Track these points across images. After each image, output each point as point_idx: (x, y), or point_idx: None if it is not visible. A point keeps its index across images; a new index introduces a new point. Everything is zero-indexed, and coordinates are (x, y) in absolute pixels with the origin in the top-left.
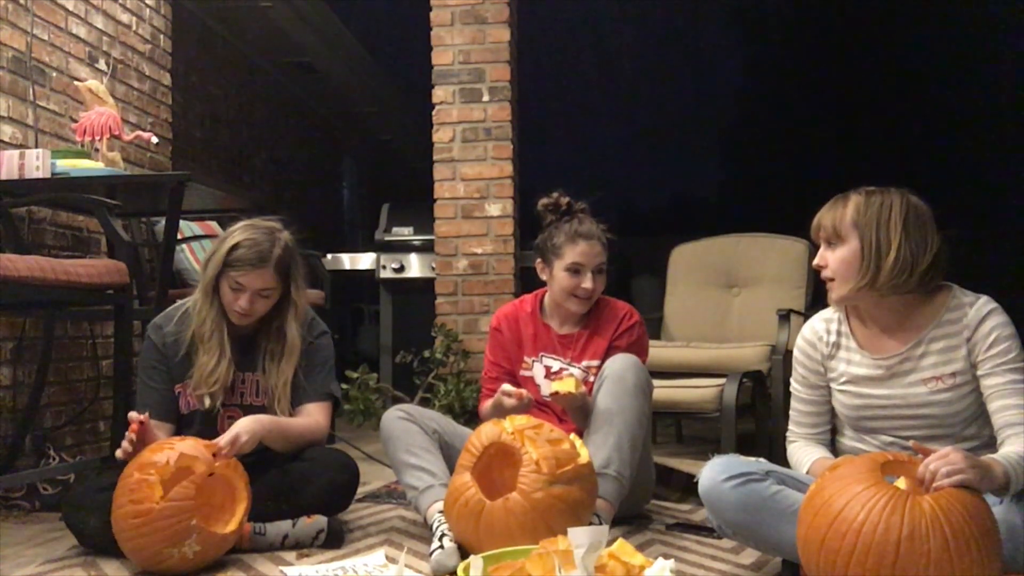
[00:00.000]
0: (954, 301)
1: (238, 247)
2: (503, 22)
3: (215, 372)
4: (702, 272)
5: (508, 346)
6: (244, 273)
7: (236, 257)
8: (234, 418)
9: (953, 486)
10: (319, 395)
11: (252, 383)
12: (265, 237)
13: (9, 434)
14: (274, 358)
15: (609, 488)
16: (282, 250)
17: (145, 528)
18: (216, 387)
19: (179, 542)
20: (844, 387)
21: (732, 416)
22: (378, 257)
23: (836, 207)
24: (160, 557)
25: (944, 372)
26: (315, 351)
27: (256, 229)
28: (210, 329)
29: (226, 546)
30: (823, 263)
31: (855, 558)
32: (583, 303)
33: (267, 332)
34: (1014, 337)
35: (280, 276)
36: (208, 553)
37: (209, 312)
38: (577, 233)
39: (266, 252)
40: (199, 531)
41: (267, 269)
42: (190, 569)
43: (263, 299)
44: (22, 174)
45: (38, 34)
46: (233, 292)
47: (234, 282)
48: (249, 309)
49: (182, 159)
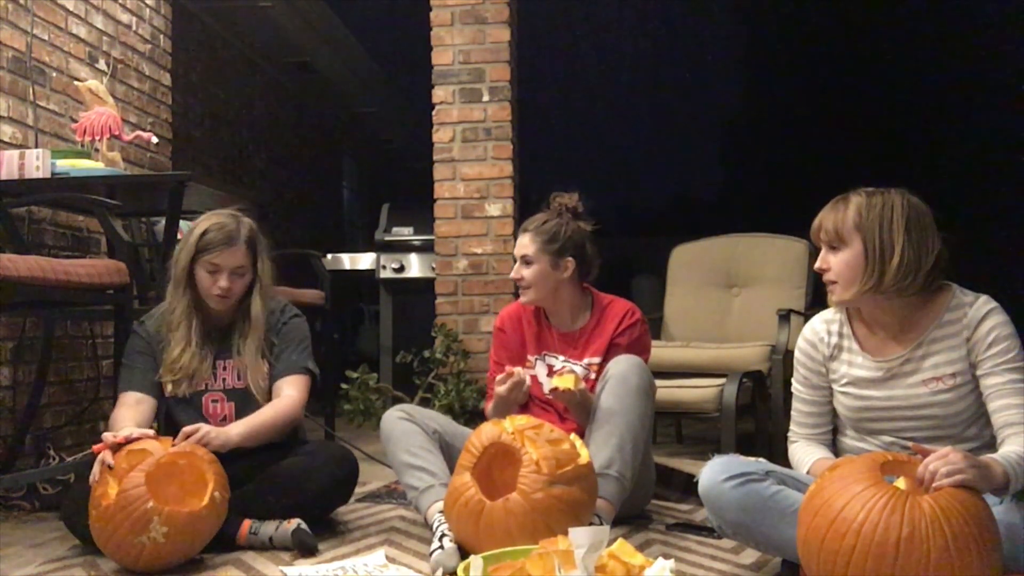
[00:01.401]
0: (954, 301)
1: (207, 232)
2: (503, 22)
3: (179, 360)
4: (702, 272)
5: (511, 346)
6: (218, 253)
7: (207, 241)
8: (218, 402)
9: (953, 486)
10: (293, 369)
11: (232, 368)
12: (230, 220)
13: (9, 434)
14: (244, 336)
15: (610, 489)
16: (248, 230)
17: (109, 525)
18: (180, 375)
19: (143, 528)
20: (845, 388)
21: (732, 416)
22: (378, 257)
23: (837, 209)
24: (134, 549)
25: (945, 372)
26: (288, 331)
27: (220, 215)
28: (177, 319)
29: (200, 524)
30: (826, 266)
31: (855, 558)
32: (522, 291)
33: (240, 314)
34: (1014, 337)
35: (250, 253)
36: (182, 534)
37: (179, 303)
38: (523, 226)
39: (235, 232)
40: (160, 513)
41: (239, 247)
42: (173, 556)
43: (239, 278)
44: (22, 174)
45: (38, 34)
46: (211, 276)
47: (209, 264)
48: (228, 289)
49: (182, 159)
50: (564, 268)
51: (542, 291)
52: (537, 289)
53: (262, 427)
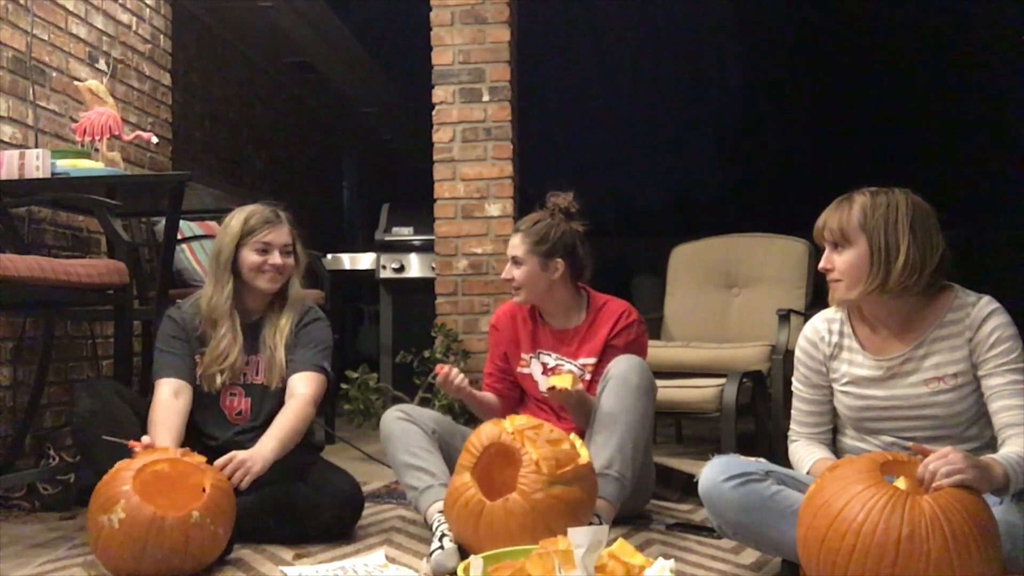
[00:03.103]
0: (956, 301)
1: (250, 217)
2: (503, 22)
3: (227, 354)
4: (702, 272)
5: (504, 343)
6: (268, 231)
7: (253, 225)
8: (236, 396)
9: (953, 486)
10: (307, 366)
11: (255, 364)
12: (266, 206)
13: (9, 434)
14: (274, 324)
15: (610, 489)
16: (284, 211)
17: (95, 496)
18: (226, 367)
19: (110, 508)
20: (846, 387)
21: (732, 416)
22: (378, 257)
23: (841, 209)
24: (96, 527)
25: (946, 372)
26: (310, 331)
27: (252, 205)
28: (222, 311)
29: (159, 531)
30: (830, 266)
31: (855, 558)
32: (514, 292)
33: (273, 307)
34: (1015, 338)
35: (293, 233)
36: (135, 528)
37: (220, 296)
38: (515, 226)
39: (277, 213)
40: (128, 499)
41: (284, 225)
42: (121, 552)
43: (287, 256)
44: (22, 174)
45: (38, 34)
46: (261, 255)
47: (259, 244)
48: (282, 264)
49: (182, 159)
50: (554, 269)
51: (533, 292)
52: (528, 290)
53: (290, 435)
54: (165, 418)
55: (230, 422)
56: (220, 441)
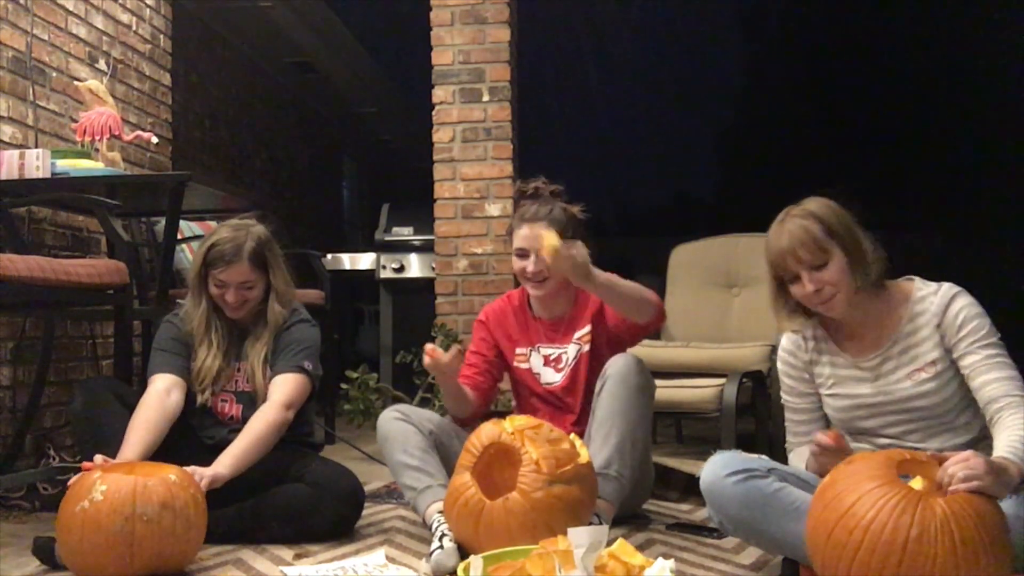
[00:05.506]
0: (919, 293)
1: (214, 246)
2: (503, 22)
3: (208, 366)
4: (702, 272)
5: (490, 337)
6: (223, 270)
7: (213, 256)
8: (227, 402)
9: (969, 491)
10: (284, 369)
11: (244, 370)
12: (239, 234)
13: (9, 434)
14: (255, 340)
15: (610, 488)
16: (255, 243)
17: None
18: (207, 385)
19: (86, 493)
20: (833, 390)
21: (732, 416)
22: (378, 257)
23: (793, 234)
24: (74, 518)
25: (925, 362)
26: (289, 334)
27: (231, 228)
28: (198, 326)
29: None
30: (820, 285)
31: (860, 555)
32: (536, 286)
33: (257, 318)
34: (982, 315)
35: (257, 267)
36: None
37: (196, 311)
38: (522, 217)
39: (240, 247)
40: (105, 481)
41: (242, 263)
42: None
43: (248, 291)
44: (22, 174)
45: (38, 34)
46: (219, 289)
47: (216, 280)
48: (236, 302)
49: (182, 159)
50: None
51: (557, 280)
52: (555, 279)
53: (249, 450)
54: (144, 420)
55: (224, 424)
56: (216, 439)
